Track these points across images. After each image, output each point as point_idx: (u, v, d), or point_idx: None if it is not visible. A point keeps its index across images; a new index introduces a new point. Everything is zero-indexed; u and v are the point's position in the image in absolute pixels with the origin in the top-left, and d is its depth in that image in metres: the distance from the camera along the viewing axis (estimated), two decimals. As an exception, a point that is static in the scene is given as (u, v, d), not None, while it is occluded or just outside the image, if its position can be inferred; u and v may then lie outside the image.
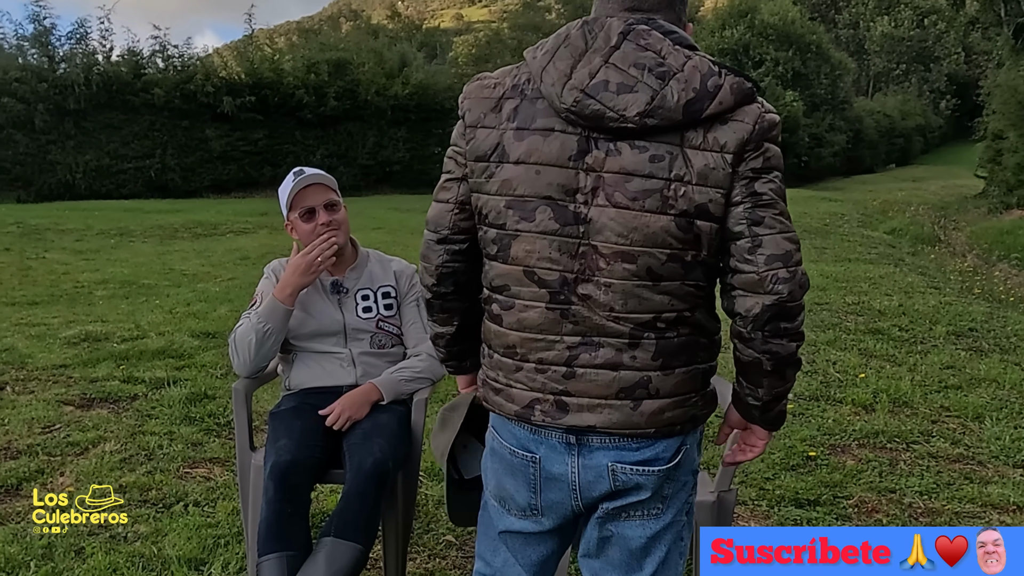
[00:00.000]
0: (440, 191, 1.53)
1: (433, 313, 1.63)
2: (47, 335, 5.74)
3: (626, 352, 1.40)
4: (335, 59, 27.03)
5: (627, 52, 1.33)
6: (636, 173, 1.33)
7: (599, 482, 1.47)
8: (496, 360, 1.51)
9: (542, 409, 1.45)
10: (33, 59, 23.24)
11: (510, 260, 1.42)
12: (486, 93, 1.44)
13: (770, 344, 1.37)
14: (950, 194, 26.38)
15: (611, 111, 1.31)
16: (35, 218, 14.62)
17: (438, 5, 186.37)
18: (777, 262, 1.33)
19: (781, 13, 41.96)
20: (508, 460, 1.54)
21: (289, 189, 2.60)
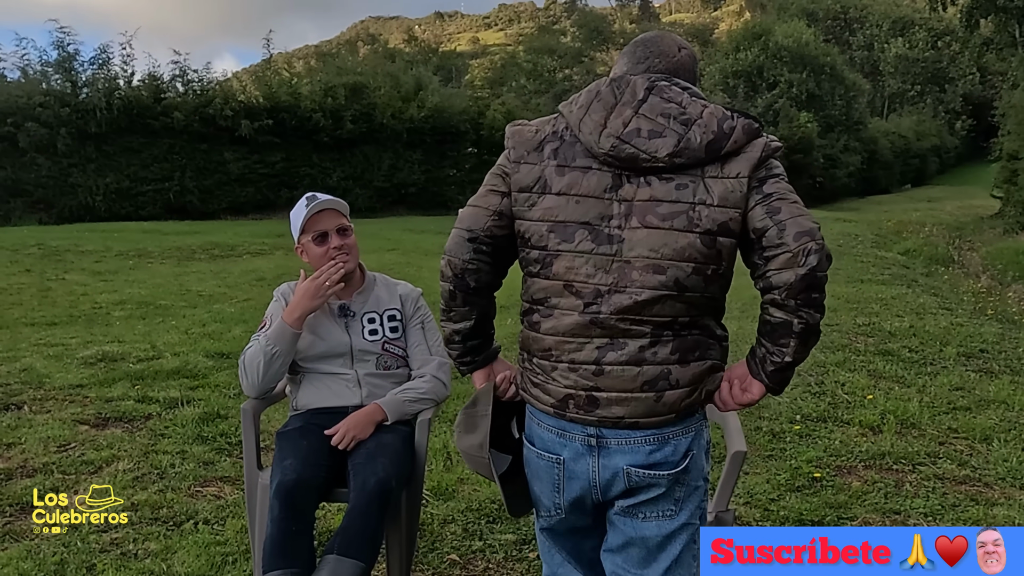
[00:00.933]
0: (480, 198, 1.72)
1: (453, 307, 1.77)
2: (65, 355, 5.84)
3: (648, 350, 1.62)
4: (352, 83, 27.33)
5: (653, 104, 1.60)
6: (664, 199, 1.58)
7: (616, 481, 1.68)
8: (535, 363, 1.72)
9: (575, 403, 1.66)
10: (56, 84, 23.64)
11: (551, 276, 1.65)
12: (528, 136, 1.70)
13: (801, 311, 1.56)
14: (966, 215, 26.25)
15: (644, 153, 1.57)
16: (56, 240, 14.84)
17: (455, 29, 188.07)
18: (805, 236, 1.53)
19: (795, 35, 42.09)
20: (535, 464, 1.77)
21: (303, 213, 2.67)
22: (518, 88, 41.82)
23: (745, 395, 1.70)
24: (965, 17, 25.88)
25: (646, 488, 1.68)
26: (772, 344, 1.63)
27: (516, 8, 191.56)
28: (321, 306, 2.63)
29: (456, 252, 1.71)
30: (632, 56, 1.73)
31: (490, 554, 3.05)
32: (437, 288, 5.72)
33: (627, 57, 1.74)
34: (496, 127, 29.75)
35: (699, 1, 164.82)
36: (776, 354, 1.63)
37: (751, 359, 1.70)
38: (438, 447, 4.03)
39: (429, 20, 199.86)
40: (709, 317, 1.67)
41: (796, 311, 1.56)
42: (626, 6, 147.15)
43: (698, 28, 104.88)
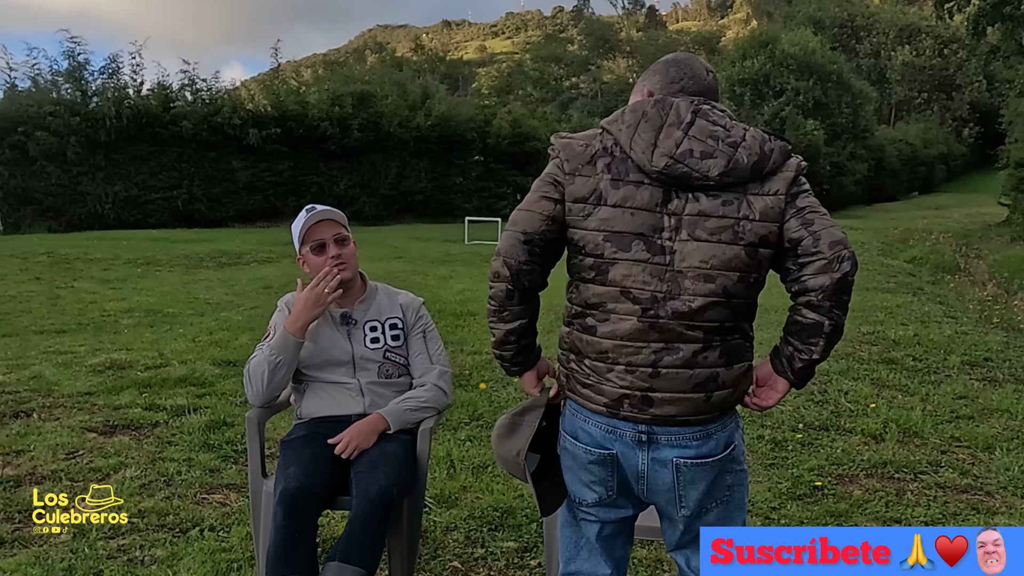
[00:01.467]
0: (534, 203, 1.79)
1: (508, 307, 1.83)
2: (73, 363, 5.90)
3: (700, 354, 1.76)
4: (359, 92, 27.49)
5: (701, 126, 1.73)
6: (712, 214, 1.72)
7: (663, 473, 1.81)
8: (589, 364, 1.81)
9: (630, 403, 1.78)
10: (67, 93, 23.87)
11: (608, 282, 1.76)
12: (579, 149, 1.79)
13: (833, 312, 1.72)
14: (973, 222, 26.19)
15: (696, 173, 1.70)
16: (65, 248, 14.95)
17: (462, 37, 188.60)
18: (838, 245, 1.70)
19: (802, 43, 42.11)
20: (582, 459, 1.86)
21: (301, 224, 2.71)
22: (525, 96, 41.91)
23: (773, 393, 1.86)
24: (972, 25, 25.85)
25: (696, 481, 1.82)
26: (801, 343, 1.78)
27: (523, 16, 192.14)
28: (321, 314, 2.67)
29: (512, 254, 1.77)
30: (665, 75, 1.86)
31: (492, 562, 3.08)
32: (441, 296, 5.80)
33: (660, 76, 1.87)
34: (503, 135, 29.89)
35: (706, 9, 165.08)
36: (804, 352, 1.78)
37: (776, 358, 1.85)
38: (441, 455, 4.06)
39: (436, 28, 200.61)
40: (746, 321, 1.83)
41: (829, 312, 1.72)
42: (632, 14, 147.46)
43: (704, 36, 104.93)
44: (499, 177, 30.15)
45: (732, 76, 42.79)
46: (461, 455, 4.09)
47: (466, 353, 6.32)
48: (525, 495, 3.59)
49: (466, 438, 4.39)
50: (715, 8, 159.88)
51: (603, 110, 59.47)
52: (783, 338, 1.83)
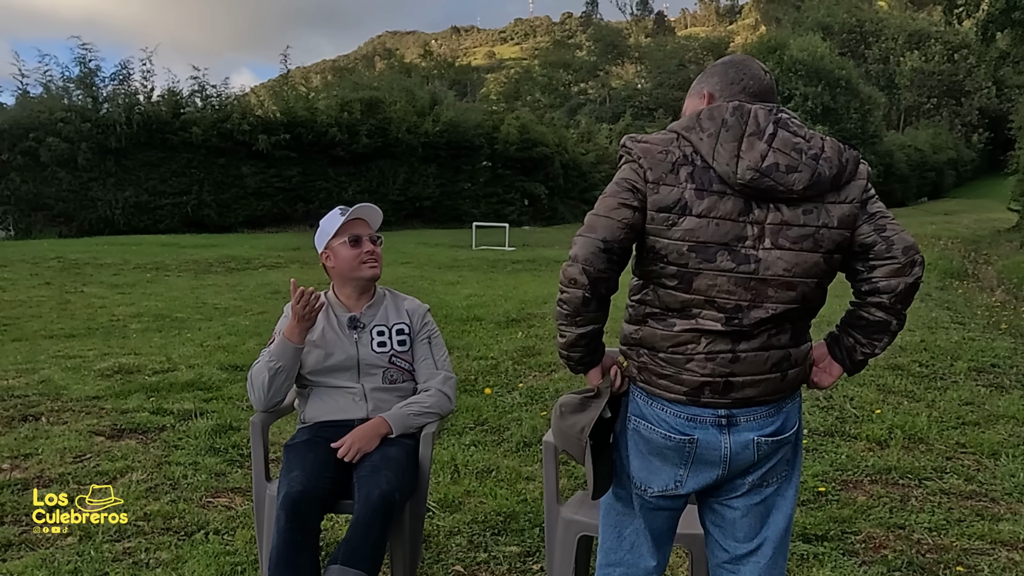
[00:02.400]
0: (612, 210, 1.78)
1: (584, 313, 1.82)
2: (82, 367, 5.94)
3: (774, 337, 1.82)
4: (367, 98, 27.59)
5: (784, 138, 1.75)
6: (794, 224, 1.76)
7: (746, 453, 1.86)
8: (664, 357, 1.84)
9: (711, 389, 1.82)
10: (78, 100, 24.03)
11: (691, 291, 1.79)
12: (660, 157, 1.77)
13: (902, 314, 1.83)
14: (982, 228, 26.08)
15: (781, 187, 1.74)
16: (75, 253, 15.05)
17: (471, 43, 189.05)
18: (911, 251, 1.78)
19: (810, 49, 42.10)
20: (659, 443, 1.87)
21: (338, 219, 2.78)
22: (533, 102, 41.98)
23: (828, 377, 1.95)
24: (981, 30, 25.76)
25: (771, 455, 1.89)
26: (865, 338, 1.87)
27: (532, 22, 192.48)
28: (313, 324, 2.69)
29: (592, 262, 1.76)
30: (724, 76, 1.88)
31: (494, 566, 3.09)
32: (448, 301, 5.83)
33: (719, 77, 1.89)
34: (511, 141, 29.95)
35: (714, 15, 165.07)
36: (867, 347, 1.88)
37: (835, 346, 1.94)
38: (445, 459, 4.07)
39: (445, 35, 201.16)
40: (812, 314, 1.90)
41: (898, 313, 1.82)
42: (641, 20, 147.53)
43: (713, 42, 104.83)
44: (507, 183, 30.20)
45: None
46: (465, 460, 4.10)
47: (472, 358, 6.34)
48: (529, 500, 3.61)
49: (470, 443, 4.41)
50: (724, 14, 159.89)
51: (611, 115, 59.51)
52: (844, 329, 1.91)
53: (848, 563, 3.15)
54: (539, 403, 5.17)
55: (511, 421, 4.79)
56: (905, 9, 79.26)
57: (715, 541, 2.01)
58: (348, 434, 2.63)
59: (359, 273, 2.80)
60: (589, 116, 54.07)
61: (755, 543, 1.96)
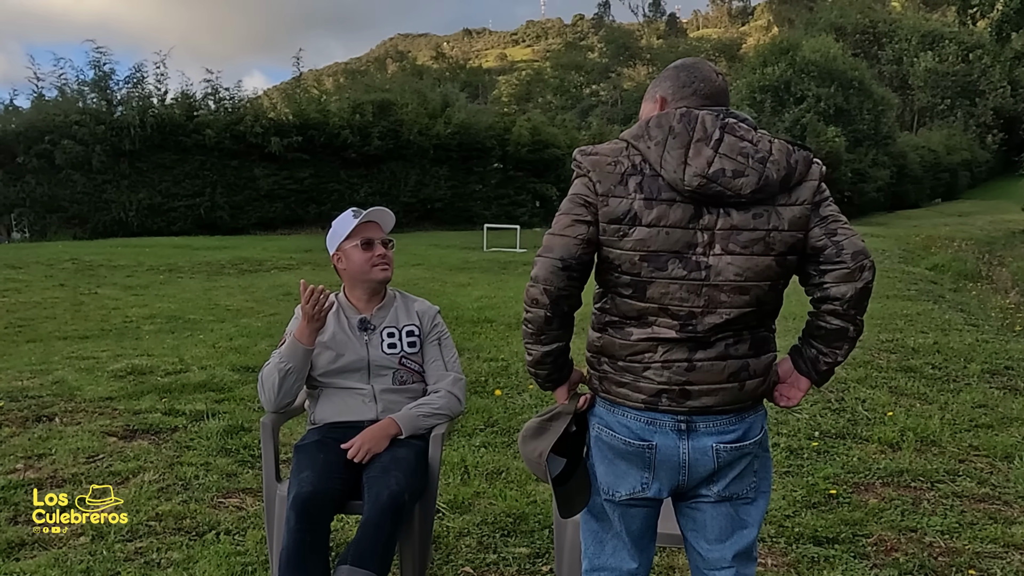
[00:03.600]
0: (567, 228, 1.80)
1: (547, 331, 1.86)
2: (96, 368, 5.98)
3: (732, 347, 1.83)
4: (379, 100, 27.63)
5: (731, 143, 1.76)
6: (744, 228, 1.76)
7: (705, 460, 1.86)
8: (622, 365, 1.86)
9: (668, 397, 1.83)
10: (92, 103, 24.17)
11: (646, 299, 1.81)
12: (609, 169, 1.79)
13: (857, 319, 1.82)
14: (997, 229, 25.88)
15: (729, 191, 1.74)
16: (89, 255, 15.14)
17: (482, 45, 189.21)
18: (860, 255, 1.79)
19: (823, 50, 41.90)
20: (620, 450, 1.89)
21: (351, 221, 2.80)
22: (544, 104, 41.98)
23: (797, 391, 1.95)
24: (995, 31, 25.61)
25: (733, 463, 1.89)
26: (826, 347, 1.88)
27: (543, 24, 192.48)
28: (322, 325, 2.71)
29: (551, 281, 1.79)
30: (676, 80, 1.89)
31: (504, 567, 3.09)
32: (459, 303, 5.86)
33: (671, 81, 1.89)
34: (522, 143, 29.94)
35: (726, 16, 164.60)
36: (829, 356, 1.88)
37: (799, 359, 1.94)
38: (455, 461, 4.08)
39: (457, 37, 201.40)
40: (771, 317, 1.91)
41: (853, 319, 1.82)
42: (653, 22, 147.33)
43: (725, 43, 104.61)
44: (518, 185, 30.19)
45: (753, 83, 42.64)
46: (475, 461, 4.11)
47: (482, 360, 6.35)
48: (539, 501, 3.61)
49: (480, 444, 4.42)
50: (736, 15, 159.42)
51: (623, 117, 59.46)
52: (806, 341, 1.92)
53: (859, 566, 3.13)
54: (549, 405, 5.17)
55: (521, 423, 4.78)
56: (919, 10, 78.88)
57: (691, 545, 2.03)
58: (358, 435, 2.64)
59: (370, 276, 2.82)
60: (601, 118, 53.99)
61: (726, 549, 1.97)
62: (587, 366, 1.97)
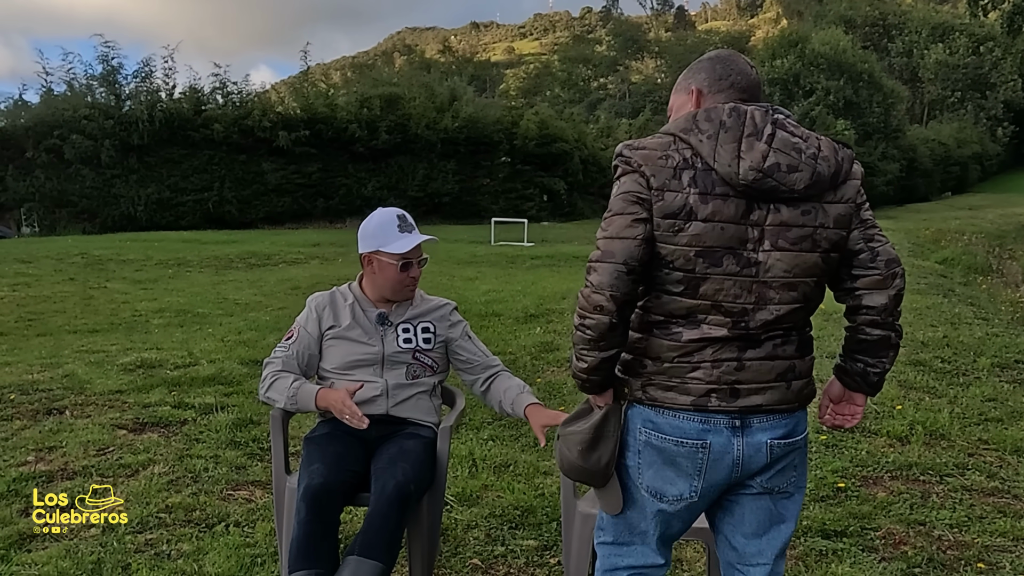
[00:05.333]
0: (625, 229, 1.76)
1: (609, 338, 1.80)
2: (105, 361, 6.01)
3: (780, 347, 1.84)
4: (387, 94, 27.65)
5: (783, 138, 1.75)
6: (793, 224, 1.76)
7: (758, 456, 1.85)
8: (668, 367, 1.83)
9: (718, 396, 1.81)
10: (101, 97, 24.29)
11: (698, 296, 1.78)
12: (661, 163, 1.76)
13: (896, 325, 1.85)
14: (1008, 223, 25.73)
15: (783, 186, 1.74)
16: (98, 249, 15.22)
17: (490, 39, 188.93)
18: (894, 264, 1.83)
19: (832, 42, 41.72)
20: (672, 451, 1.85)
21: (401, 236, 2.73)
22: (552, 97, 41.90)
23: (857, 408, 1.99)
24: (1007, 23, 25.45)
25: (783, 458, 1.88)
26: (872, 358, 1.89)
27: (551, 17, 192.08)
28: None
29: (618, 287, 1.75)
30: (712, 72, 1.88)
31: (512, 559, 3.10)
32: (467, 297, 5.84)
33: (706, 73, 1.88)
34: (530, 137, 29.93)
35: (735, 9, 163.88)
36: (878, 366, 1.90)
37: (845, 376, 1.95)
38: (463, 454, 4.09)
39: (464, 30, 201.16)
40: (810, 317, 1.91)
41: (892, 326, 1.85)
42: (661, 15, 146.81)
43: (734, 36, 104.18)
44: (526, 178, 30.17)
45: (762, 76, 42.39)
46: (483, 454, 4.12)
47: (490, 353, 6.35)
48: (546, 494, 3.61)
49: (488, 437, 4.42)
50: (745, 8, 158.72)
51: (631, 111, 59.29)
52: (849, 356, 1.92)
53: (867, 559, 3.13)
54: (557, 398, 5.18)
55: (529, 416, 4.79)
56: (929, 1, 78.35)
57: (724, 538, 2.00)
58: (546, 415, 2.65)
59: (397, 295, 2.81)
60: (608, 111, 53.90)
61: (763, 543, 1.96)
62: (621, 370, 1.91)
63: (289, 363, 2.77)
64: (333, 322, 2.79)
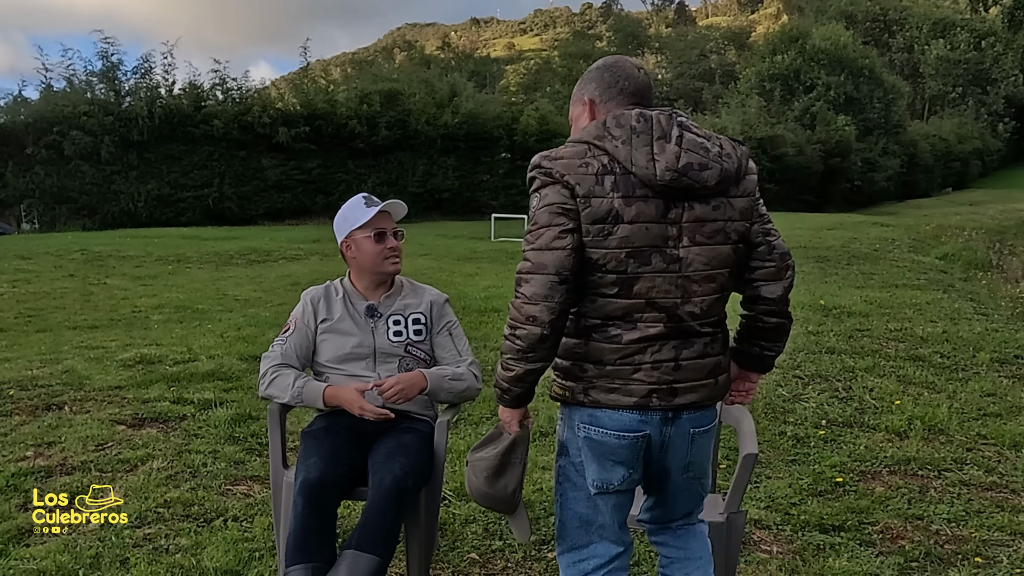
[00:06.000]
0: (555, 240, 1.81)
1: (539, 349, 1.86)
2: (105, 357, 6.02)
3: (709, 345, 1.95)
4: (387, 90, 27.62)
5: (691, 139, 1.85)
6: (706, 219, 1.86)
7: (683, 444, 1.99)
8: (610, 370, 1.90)
9: (658, 396, 1.91)
10: (101, 94, 24.25)
11: (632, 295, 1.86)
12: (583, 171, 1.82)
13: (788, 313, 2.02)
14: (1008, 218, 25.71)
15: (697, 184, 1.83)
16: (98, 245, 15.22)
17: (490, 34, 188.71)
18: (787, 256, 1.98)
19: (833, 38, 41.69)
20: (612, 444, 1.94)
21: (364, 210, 2.76)
22: (552, 93, 41.84)
23: (753, 386, 2.18)
24: (1008, 18, 25.43)
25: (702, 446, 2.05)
26: (769, 342, 2.07)
27: (551, 13, 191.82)
28: None
29: (551, 297, 1.80)
30: (601, 81, 1.96)
31: (509, 554, 3.11)
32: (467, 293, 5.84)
33: (596, 83, 1.96)
34: (530, 132, 29.90)
35: (736, 4, 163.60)
36: (773, 349, 2.08)
37: (744, 358, 2.11)
38: (462, 449, 4.09)
39: (465, 26, 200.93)
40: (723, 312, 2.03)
41: (787, 314, 2.03)
42: (662, 10, 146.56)
43: (735, 31, 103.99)
44: (526, 174, 30.16)
45: (762, 71, 42.41)
46: (482, 449, 4.11)
47: (489, 349, 6.36)
48: (544, 489, 3.62)
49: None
50: (745, 3, 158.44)
51: (631, 107, 59.14)
52: (747, 340, 2.08)
53: (865, 553, 3.13)
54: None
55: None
56: (930, -3, 78.12)
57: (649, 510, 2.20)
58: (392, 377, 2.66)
59: (381, 268, 2.80)
60: (609, 107, 53.59)
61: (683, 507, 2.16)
62: (561, 375, 1.97)
63: (287, 356, 2.78)
64: (326, 315, 2.80)
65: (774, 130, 35.20)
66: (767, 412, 4.85)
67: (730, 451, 4.02)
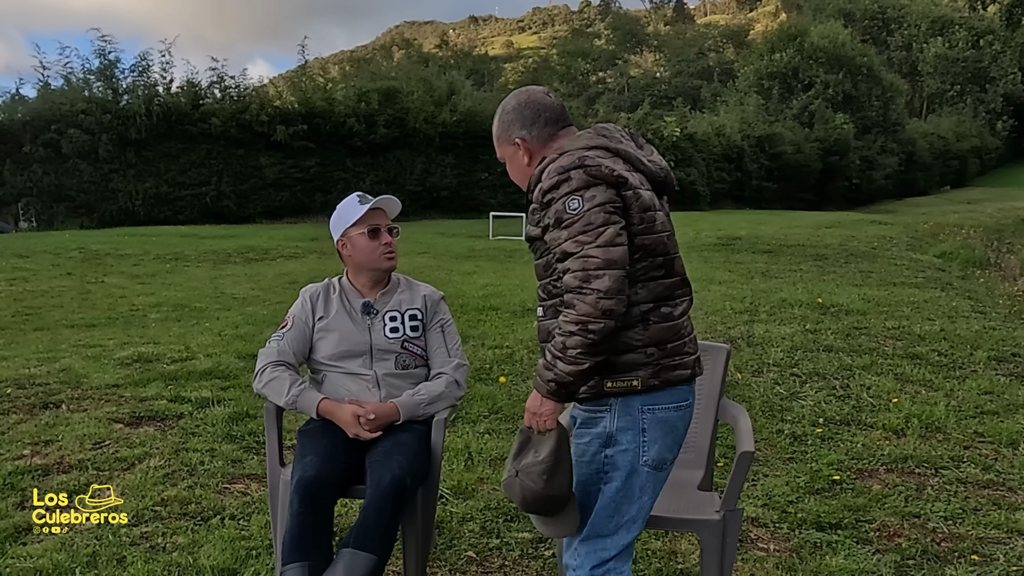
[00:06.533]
0: (616, 236, 1.87)
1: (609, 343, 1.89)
2: (102, 356, 6.01)
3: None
4: (385, 88, 27.58)
5: (648, 147, 2.10)
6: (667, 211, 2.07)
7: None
8: (672, 347, 2.00)
9: (698, 364, 2.07)
10: (98, 92, 24.19)
11: (673, 273, 2.02)
12: (622, 167, 1.94)
13: None
14: (1006, 216, 25.75)
15: (670, 182, 2.09)
16: (96, 244, 15.20)
17: (489, 32, 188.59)
18: None
19: (831, 36, 41.71)
20: (673, 417, 2.03)
21: (358, 208, 2.77)
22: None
23: None
24: (1006, 16, 25.43)
25: None
26: None
27: (550, 11, 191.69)
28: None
29: (623, 291, 1.86)
30: (523, 119, 2.07)
31: (506, 552, 3.11)
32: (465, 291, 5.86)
33: (519, 123, 2.07)
34: (528, 130, 29.85)
35: (734, 2, 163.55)
36: None
37: None
38: (459, 447, 4.09)
39: (463, 24, 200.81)
40: None
41: None
42: (660, 8, 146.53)
43: (733, 29, 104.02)
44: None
45: (760, 70, 42.42)
46: (479, 447, 4.12)
47: (487, 347, 6.35)
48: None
49: (485, 431, 4.43)
50: (744, 1, 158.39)
51: (630, 104, 59.21)
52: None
53: (862, 551, 3.14)
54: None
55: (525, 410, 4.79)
56: (928, -5, 78.11)
57: None
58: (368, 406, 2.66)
59: (376, 265, 2.81)
60: (607, 105, 53.84)
61: None
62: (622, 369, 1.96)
63: (284, 353, 2.78)
64: (323, 312, 2.81)
65: (772, 128, 35.22)
66: (764, 410, 4.85)
67: (727, 449, 4.02)
